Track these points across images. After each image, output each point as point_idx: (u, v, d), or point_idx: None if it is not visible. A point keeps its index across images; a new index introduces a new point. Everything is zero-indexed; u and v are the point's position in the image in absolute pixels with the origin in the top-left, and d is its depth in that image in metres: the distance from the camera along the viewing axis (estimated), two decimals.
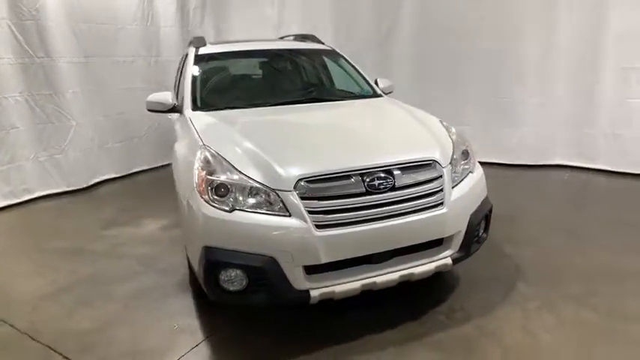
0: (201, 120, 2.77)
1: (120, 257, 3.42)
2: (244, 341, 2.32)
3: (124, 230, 3.96)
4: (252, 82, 3.64)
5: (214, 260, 2.05)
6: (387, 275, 2.15)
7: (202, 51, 3.60)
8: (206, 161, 2.23)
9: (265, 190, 2.05)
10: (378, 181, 2.10)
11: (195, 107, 3.03)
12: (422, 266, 2.22)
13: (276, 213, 2.02)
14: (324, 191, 2.06)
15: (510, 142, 5.27)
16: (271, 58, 3.77)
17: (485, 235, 2.54)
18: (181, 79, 4.04)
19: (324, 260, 2.02)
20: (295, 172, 2.08)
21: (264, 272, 2.00)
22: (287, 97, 3.26)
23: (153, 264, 3.26)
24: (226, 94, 3.34)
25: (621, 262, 2.95)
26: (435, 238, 2.23)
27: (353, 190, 2.08)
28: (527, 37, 4.89)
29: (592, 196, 4.51)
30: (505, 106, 5.22)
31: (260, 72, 3.76)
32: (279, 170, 2.09)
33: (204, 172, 2.18)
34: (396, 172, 2.16)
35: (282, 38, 4.66)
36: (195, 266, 2.22)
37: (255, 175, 2.09)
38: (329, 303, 2.15)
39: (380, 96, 3.42)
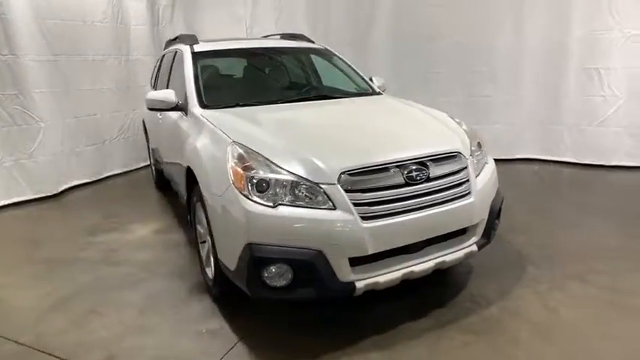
0: (217, 117, 2.70)
1: (118, 264, 3.25)
2: (279, 340, 2.29)
3: (114, 236, 3.76)
4: (256, 80, 3.59)
5: (260, 257, 2.02)
6: (424, 264, 2.22)
7: (198, 49, 3.50)
8: (240, 157, 2.19)
9: (308, 184, 2.05)
10: (415, 173, 2.18)
11: (203, 105, 2.95)
12: (452, 254, 2.32)
13: (321, 207, 2.03)
14: (366, 183, 2.09)
15: (484, 138, 5.55)
16: (269, 55, 3.74)
17: (498, 222, 2.69)
18: (170, 77, 3.93)
19: (370, 251, 2.06)
20: (338, 165, 2.10)
21: (312, 266, 2.00)
22: (294, 94, 3.27)
23: (155, 269, 3.13)
24: (232, 92, 3.27)
25: (608, 243, 3.22)
26: (464, 227, 2.34)
27: (393, 182, 2.13)
28: (498, 39, 5.20)
29: (564, 186, 4.88)
30: (478, 104, 5.51)
31: (260, 69, 3.72)
32: (321, 164, 2.09)
33: (241, 168, 2.14)
34: (429, 164, 2.25)
35: (266, 37, 4.64)
36: (232, 265, 2.18)
37: (297, 170, 2.08)
38: (353, 298, 2.17)
39: (380, 93, 3.50)
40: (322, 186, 2.04)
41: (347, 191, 2.05)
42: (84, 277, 3.07)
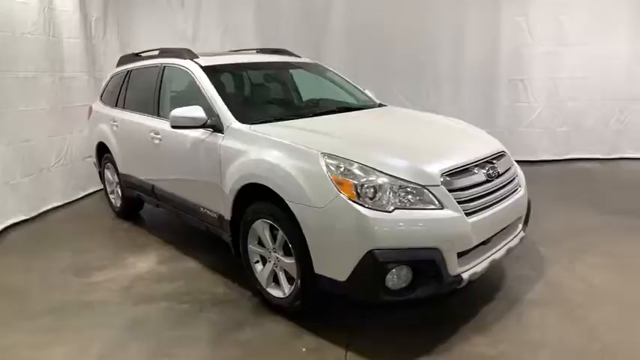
0: (275, 131, 2.65)
1: (147, 301, 2.90)
2: (383, 340, 2.34)
3: (114, 273, 3.32)
4: (275, 94, 3.53)
5: (384, 261, 2.07)
6: (500, 251, 2.48)
7: (205, 63, 3.33)
8: (339, 167, 2.21)
9: (414, 187, 2.17)
10: (491, 170, 2.45)
11: (242, 120, 2.85)
12: (513, 240, 2.63)
13: (429, 207, 2.16)
14: (460, 183, 2.29)
15: None
16: (275, 70, 3.71)
17: None
18: (158, 95, 3.64)
19: (473, 244, 2.25)
20: (437, 167, 2.25)
21: (433, 264, 2.11)
22: (320, 107, 3.31)
23: (195, 299, 2.89)
24: (262, 106, 3.17)
25: (581, 222, 3.85)
26: (520, 215, 2.68)
27: (478, 180, 2.37)
28: (441, 55, 5.86)
29: None
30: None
31: (272, 84, 3.67)
32: (423, 167, 2.23)
33: (346, 177, 2.17)
34: (495, 162, 2.54)
35: (236, 51, 4.54)
36: (342, 275, 2.17)
37: (401, 174, 2.18)
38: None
39: (384, 105, 3.73)
40: (429, 187, 2.18)
41: (449, 191, 2.23)
42: (116, 320, 2.69)
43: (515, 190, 2.62)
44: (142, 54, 4.37)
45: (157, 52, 3.97)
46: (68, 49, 5.24)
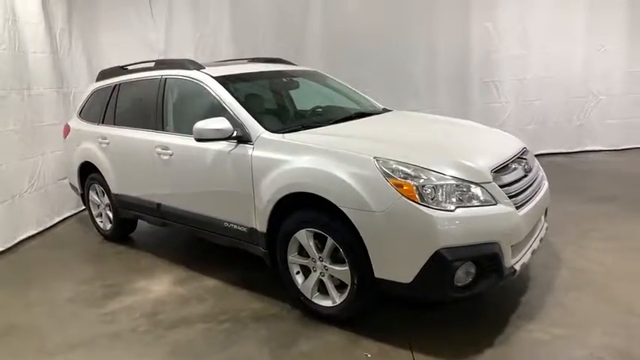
0: (312, 139, 2.64)
1: (183, 324, 2.74)
2: (444, 340, 2.37)
3: (130, 300, 3.11)
4: (289, 103, 3.47)
5: (452, 259, 2.11)
6: (536, 240, 2.63)
7: (216, 73, 3.24)
8: (396, 170, 2.24)
9: (470, 185, 2.24)
10: (526, 165, 2.59)
11: (271, 130, 2.80)
12: (542, 230, 2.79)
13: (484, 204, 2.24)
14: (507, 178, 2.40)
15: None
16: (282, 79, 3.67)
17: None
18: (160, 107, 3.48)
19: (523, 236, 2.36)
20: (486, 165, 2.35)
21: (495, 257, 2.19)
22: (337, 114, 3.32)
23: (236, 317, 2.77)
24: (281, 116, 3.12)
25: (571, 209, 4.14)
26: (547, 207, 2.85)
27: (518, 175, 2.50)
28: (417, 60, 6.09)
29: None
30: None
31: (283, 93, 3.61)
32: (474, 165, 2.31)
33: (406, 180, 2.20)
34: (526, 157, 2.69)
35: (225, 62, 4.43)
36: (407, 277, 2.19)
37: (457, 174, 2.24)
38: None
39: (390, 110, 3.81)
40: (483, 185, 2.27)
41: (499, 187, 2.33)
42: (155, 348, 2.52)
43: (543, 183, 2.79)
44: (127, 67, 4.16)
45: (151, 64, 3.80)
46: (35, 64, 4.84)
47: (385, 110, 3.74)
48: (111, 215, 4.23)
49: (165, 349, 2.51)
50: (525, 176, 2.55)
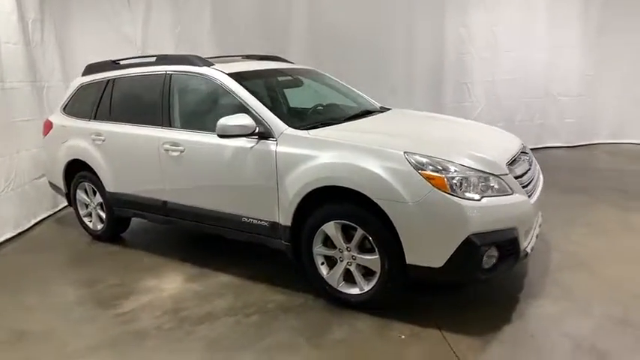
0: (339, 135, 2.76)
1: (208, 319, 2.76)
2: (467, 319, 2.56)
3: (144, 299, 3.06)
4: (300, 100, 3.52)
5: (480, 244, 2.32)
6: (538, 226, 2.91)
7: (228, 70, 3.25)
8: (427, 164, 2.41)
9: (491, 177, 2.45)
10: (529, 158, 2.86)
11: (294, 126, 2.88)
12: (540, 218, 3.07)
13: (503, 194, 2.46)
14: (518, 170, 2.65)
15: None
16: (288, 77, 3.73)
17: None
18: (166, 103, 3.44)
19: (533, 222, 2.62)
20: (502, 158, 2.59)
21: (515, 242, 2.42)
22: (347, 111, 3.44)
23: (262, 309, 2.83)
24: (298, 112, 3.18)
25: (554, 200, 4.33)
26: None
27: (525, 167, 2.76)
28: (395, 60, 6.34)
29: None
30: None
31: (292, 91, 3.66)
32: (492, 159, 2.53)
33: (437, 172, 2.38)
34: (528, 153, 2.96)
35: (217, 58, 4.42)
36: (438, 262, 2.37)
37: (480, 166, 2.45)
38: None
39: (388, 108, 3.98)
40: (502, 176, 2.49)
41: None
42: (189, 343, 2.53)
43: (540, 175, 3.08)
44: (120, 61, 4.05)
45: (151, 59, 3.72)
46: (7, 56, 4.55)
47: (383, 108, 3.92)
48: (103, 215, 4.09)
49: (199, 344, 2.52)
50: (529, 169, 2.82)
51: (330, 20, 6.14)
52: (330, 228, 2.69)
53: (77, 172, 4.17)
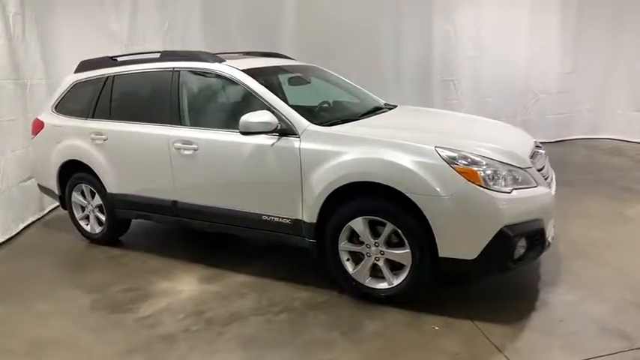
0: (365, 131, 2.80)
1: (237, 319, 2.71)
2: (495, 310, 2.63)
3: (163, 302, 2.98)
4: (314, 97, 3.49)
5: (513, 236, 2.40)
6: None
7: (243, 66, 3.20)
8: (459, 158, 2.47)
9: (518, 170, 2.54)
10: (543, 153, 2.97)
11: (316, 123, 2.87)
12: None
13: (529, 186, 2.56)
14: (538, 164, 2.75)
15: None
16: (297, 74, 3.70)
17: None
18: (175, 100, 3.35)
19: (554, 213, 2.73)
20: (526, 152, 2.68)
21: (542, 232, 2.53)
22: (360, 108, 3.46)
23: (289, 307, 2.81)
24: (317, 109, 3.17)
25: None
26: None
27: (543, 162, 2.87)
28: (384, 59, 6.44)
29: None
30: None
31: (305, 87, 3.63)
32: (518, 153, 2.63)
33: (469, 166, 2.43)
34: (540, 147, 3.07)
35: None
36: (471, 254, 2.43)
37: (508, 160, 2.53)
38: None
39: (396, 105, 4.01)
40: (527, 170, 2.59)
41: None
42: (224, 344, 2.49)
43: (551, 168, 3.22)
44: (117, 58, 3.90)
45: (155, 55, 3.60)
46: None
47: (387, 105, 3.96)
48: (102, 217, 3.93)
49: (234, 344, 2.48)
50: (545, 162, 2.94)
51: (319, 18, 6.16)
52: (358, 224, 2.70)
53: (72, 173, 3.99)
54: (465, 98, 6.75)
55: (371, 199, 2.66)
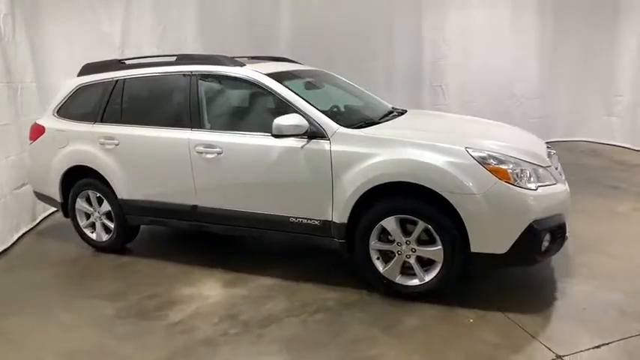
0: (395, 133, 2.90)
1: (274, 321, 2.73)
2: (524, 300, 2.78)
3: (191, 307, 2.94)
4: (333, 101, 3.53)
5: (541, 230, 2.55)
6: None
7: (266, 70, 3.23)
8: (489, 158, 2.60)
9: (541, 168, 2.71)
10: (554, 152, 3.17)
11: (344, 125, 2.94)
12: None
13: (552, 182, 2.73)
14: (554, 163, 2.93)
15: None
16: (310, 79, 3.74)
17: None
18: (195, 104, 3.33)
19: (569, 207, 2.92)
20: (544, 151, 2.85)
21: (564, 226, 2.69)
22: (377, 112, 3.55)
23: (323, 307, 2.85)
24: (339, 112, 3.22)
25: None
26: None
27: (556, 162, 3.05)
28: (377, 64, 6.59)
29: None
30: None
31: (320, 92, 3.67)
32: (539, 152, 2.81)
33: (500, 166, 2.57)
34: (551, 147, 3.27)
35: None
36: (502, 248, 2.57)
37: (532, 159, 2.70)
38: None
39: (405, 109, 4.10)
40: (548, 168, 2.76)
41: None
42: (267, 346, 2.50)
43: None
44: (125, 61, 3.83)
45: (171, 59, 3.56)
46: None
47: (394, 109, 4.08)
48: (111, 224, 3.82)
49: (277, 346, 2.50)
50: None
51: (314, 23, 6.24)
52: (390, 223, 2.79)
53: (77, 179, 3.87)
54: (452, 102, 7.01)
55: (404, 198, 2.76)
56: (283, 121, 2.84)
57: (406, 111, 3.83)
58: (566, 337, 2.44)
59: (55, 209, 4.99)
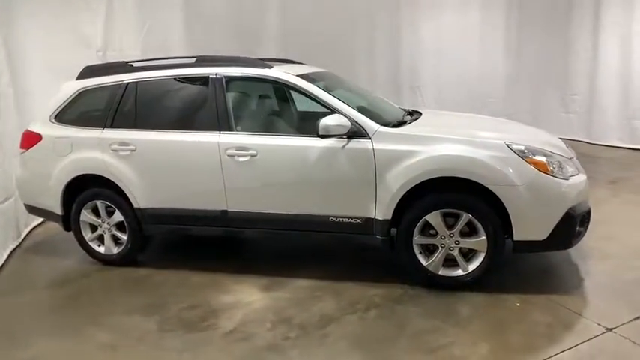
0: (432, 130, 3.03)
1: (331, 321, 2.73)
2: (556, 287, 2.99)
3: (236, 315, 2.86)
4: (357, 102, 3.56)
5: (576, 216, 2.79)
6: None
7: (295, 71, 3.23)
8: (527, 151, 2.80)
9: (568, 160, 2.95)
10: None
11: (382, 125, 3.02)
12: None
13: (577, 173, 2.98)
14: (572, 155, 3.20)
15: None
16: (326, 81, 3.74)
17: None
18: (222, 106, 3.24)
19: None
20: (563, 145, 3.10)
21: (590, 213, 2.94)
22: (389, 114, 3.59)
23: (373, 304, 2.89)
24: (369, 112, 3.28)
25: None
26: None
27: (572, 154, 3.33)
28: (359, 68, 6.76)
29: None
30: None
31: (343, 94, 3.66)
32: (563, 146, 3.04)
33: (539, 159, 2.77)
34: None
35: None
36: (542, 235, 2.77)
37: (560, 152, 2.94)
38: None
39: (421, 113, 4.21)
40: (572, 160, 3.01)
41: None
42: (335, 347, 2.50)
43: None
44: (134, 63, 3.65)
45: (190, 60, 3.45)
46: None
47: (403, 109, 4.22)
48: (122, 236, 3.59)
49: (344, 343, 2.51)
50: None
51: (300, 25, 6.30)
52: (435, 217, 2.90)
53: (82, 189, 3.61)
54: (429, 103, 7.33)
55: (449, 192, 2.88)
56: (330, 121, 2.86)
57: (420, 112, 3.99)
58: (608, 312, 2.66)
59: (38, 223, 4.68)
